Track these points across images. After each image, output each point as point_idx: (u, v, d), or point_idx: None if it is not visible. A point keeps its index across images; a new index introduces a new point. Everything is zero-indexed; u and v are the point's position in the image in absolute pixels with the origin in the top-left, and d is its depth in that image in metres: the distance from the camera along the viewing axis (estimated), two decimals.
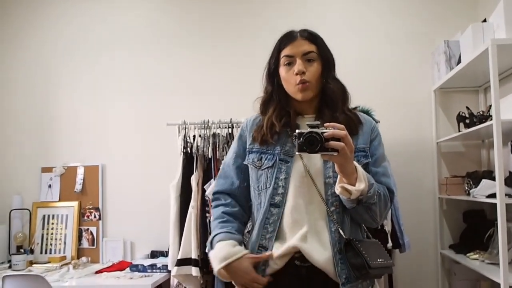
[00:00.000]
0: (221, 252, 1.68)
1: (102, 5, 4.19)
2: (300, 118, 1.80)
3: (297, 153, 1.56)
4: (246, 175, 1.85)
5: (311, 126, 1.54)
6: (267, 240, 1.69)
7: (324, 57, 1.78)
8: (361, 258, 1.58)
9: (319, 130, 1.52)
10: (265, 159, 1.76)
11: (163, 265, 3.47)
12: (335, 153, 1.51)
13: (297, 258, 1.66)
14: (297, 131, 1.54)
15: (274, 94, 1.82)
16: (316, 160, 1.70)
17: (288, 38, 1.77)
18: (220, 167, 1.97)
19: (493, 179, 2.96)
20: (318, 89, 1.77)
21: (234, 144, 1.93)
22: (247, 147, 1.84)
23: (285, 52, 1.75)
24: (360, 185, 1.56)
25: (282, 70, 1.77)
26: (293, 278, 1.67)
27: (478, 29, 3.04)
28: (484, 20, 3.21)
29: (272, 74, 1.82)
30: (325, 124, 1.55)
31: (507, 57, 2.93)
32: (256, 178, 1.78)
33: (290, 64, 1.74)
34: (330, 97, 1.77)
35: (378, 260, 1.60)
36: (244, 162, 1.84)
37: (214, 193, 1.90)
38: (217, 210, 1.84)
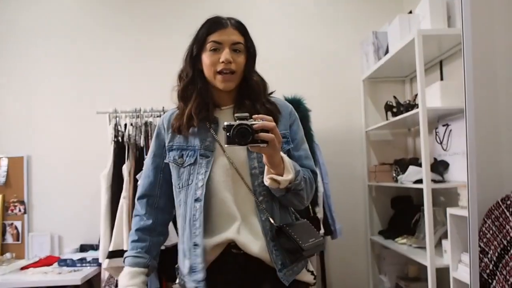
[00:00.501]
0: (124, 279, 1.72)
1: None
2: (218, 111, 1.77)
3: (226, 145, 1.54)
4: (166, 174, 1.81)
5: (240, 118, 1.51)
6: (198, 236, 1.65)
7: (250, 50, 1.77)
8: (293, 243, 1.60)
9: (248, 122, 1.50)
10: (186, 156, 1.73)
11: (93, 259, 3.39)
12: (265, 145, 1.50)
13: (232, 246, 1.66)
14: (225, 123, 1.51)
15: (195, 80, 1.76)
16: (239, 152, 1.69)
17: (217, 24, 1.72)
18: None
19: (419, 166, 3.08)
20: (239, 80, 1.75)
21: (152, 143, 1.88)
22: (167, 145, 1.79)
23: (214, 37, 1.69)
24: (288, 175, 1.57)
25: (207, 56, 1.71)
26: (231, 265, 1.67)
27: (405, 20, 3.14)
28: (410, 12, 3.31)
29: (194, 58, 1.76)
30: (254, 116, 1.53)
31: (432, 48, 3.07)
32: (178, 175, 1.74)
33: (216, 50, 1.69)
34: (253, 89, 1.76)
35: (310, 240, 1.64)
36: (164, 161, 1.80)
37: (137, 198, 1.87)
38: (134, 224, 1.84)
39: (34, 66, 3.96)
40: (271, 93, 1.83)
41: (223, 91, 1.75)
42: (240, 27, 1.75)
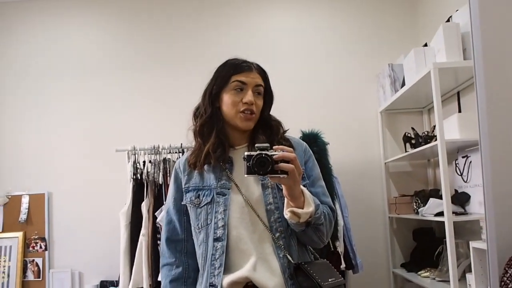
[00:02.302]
0: None
1: (48, 31, 4.11)
2: (232, 150, 1.79)
3: (245, 175, 1.54)
4: (188, 216, 1.81)
5: (260, 149, 1.52)
6: (216, 277, 1.64)
7: (269, 94, 1.81)
8: (312, 281, 1.56)
9: (268, 152, 1.50)
10: (203, 196, 1.73)
11: None
12: (285, 176, 1.50)
13: (249, 286, 1.63)
14: (245, 153, 1.52)
15: (213, 117, 1.78)
16: (253, 189, 1.70)
17: (242, 67, 1.75)
18: None
19: (440, 197, 3.04)
20: (256, 121, 1.78)
21: (170, 188, 1.88)
22: (183, 187, 1.80)
23: (239, 77, 1.73)
24: (309, 207, 1.56)
25: (229, 95, 1.74)
26: None
27: (420, 53, 3.14)
28: (425, 45, 3.32)
29: (214, 96, 1.78)
30: (274, 147, 1.54)
31: (448, 80, 3.05)
32: (196, 216, 1.74)
33: (240, 90, 1.73)
34: (270, 128, 1.79)
35: (329, 280, 1.60)
36: (182, 203, 1.80)
37: (163, 243, 1.86)
38: (164, 276, 1.82)
39: (52, 105, 4.04)
40: (285, 131, 1.84)
41: (238, 131, 1.77)
42: (262, 72, 1.79)
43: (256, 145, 1.55)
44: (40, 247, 3.86)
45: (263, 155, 1.49)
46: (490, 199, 1.87)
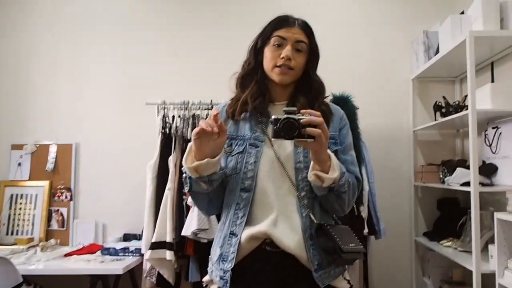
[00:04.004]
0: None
1: None
2: (271, 105, 1.80)
3: (272, 139, 1.55)
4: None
5: (287, 112, 1.51)
6: (238, 226, 1.66)
7: (312, 52, 1.79)
8: (333, 242, 1.55)
9: (296, 116, 1.50)
10: (235, 145, 1.75)
11: (136, 249, 3.41)
12: (312, 140, 1.49)
13: (267, 243, 1.63)
14: (273, 117, 1.52)
15: (255, 70, 1.81)
16: (286, 145, 1.70)
17: (285, 21, 1.76)
18: None
19: (467, 168, 3.02)
20: (297, 78, 1.78)
21: None
22: None
23: (279, 33, 1.73)
24: (334, 173, 1.56)
25: (269, 49, 1.76)
26: (264, 264, 1.64)
27: (457, 21, 3.09)
28: (462, 12, 3.25)
29: (258, 50, 1.80)
30: (302, 111, 1.53)
31: (483, 49, 3.00)
32: (226, 163, 1.75)
33: (279, 45, 1.73)
34: (311, 87, 1.79)
35: (350, 244, 1.56)
36: None
37: None
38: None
39: (85, 55, 4.04)
40: (326, 97, 1.83)
41: (279, 86, 1.78)
42: (306, 28, 1.78)
43: (284, 108, 1.54)
44: (66, 197, 3.91)
45: (290, 119, 1.49)
46: None
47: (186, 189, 1.70)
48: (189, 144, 1.63)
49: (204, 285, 1.78)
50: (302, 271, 1.62)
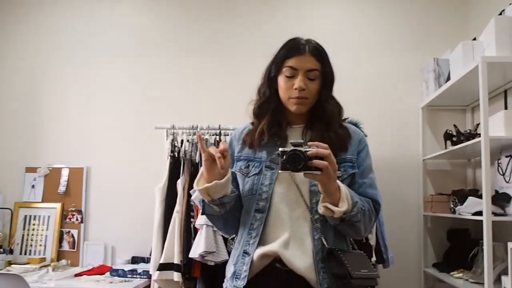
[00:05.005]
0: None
1: (94, 10, 4.19)
2: (289, 128, 1.82)
3: (279, 171, 1.56)
4: (235, 182, 1.83)
5: (294, 145, 1.53)
6: (251, 246, 1.69)
7: (326, 76, 1.80)
8: (343, 268, 1.56)
9: (302, 149, 1.51)
10: (252, 167, 1.78)
11: (143, 271, 3.43)
12: (318, 172, 1.50)
13: (278, 261, 1.66)
14: (280, 149, 1.53)
15: (270, 99, 1.82)
16: None
17: (295, 50, 1.76)
18: None
19: (479, 197, 2.96)
20: (312, 104, 1.79)
21: None
22: (235, 155, 1.85)
23: (290, 63, 1.74)
24: (343, 206, 1.55)
25: (282, 80, 1.77)
26: (273, 281, 1.67)
27: (468, 47, 3.05)
28: (474, 39, 3.23)
29: (272, 79, 1.82)
30: (309, 143, 1.55)
31: (496, 76, 2.94)
32: (243, 185, 1.78)
33: (291, 76, 1.74)
34: (326, 114, 1.78)
35: (362, 271, 1.57)
36: (231, 170, 1.82)
37: None
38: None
39: (95, 80, 4.11)
40: (345, 119, 1.84)
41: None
42: (318, 53, 1.79)
43: (290, 141, 1.57)
44: (77, 219, 3.94)
45: (297, 152, 1.51)
46: None
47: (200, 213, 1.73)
48: (201, 168, 1.67)
49: None
50: None
